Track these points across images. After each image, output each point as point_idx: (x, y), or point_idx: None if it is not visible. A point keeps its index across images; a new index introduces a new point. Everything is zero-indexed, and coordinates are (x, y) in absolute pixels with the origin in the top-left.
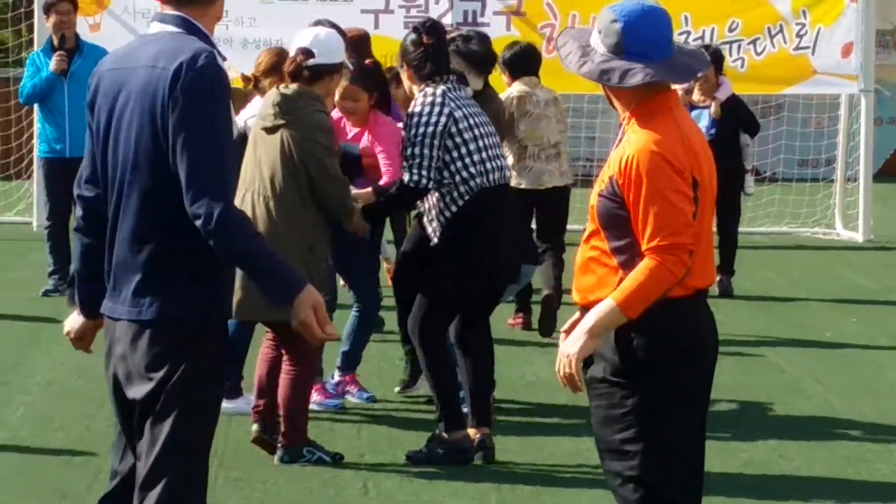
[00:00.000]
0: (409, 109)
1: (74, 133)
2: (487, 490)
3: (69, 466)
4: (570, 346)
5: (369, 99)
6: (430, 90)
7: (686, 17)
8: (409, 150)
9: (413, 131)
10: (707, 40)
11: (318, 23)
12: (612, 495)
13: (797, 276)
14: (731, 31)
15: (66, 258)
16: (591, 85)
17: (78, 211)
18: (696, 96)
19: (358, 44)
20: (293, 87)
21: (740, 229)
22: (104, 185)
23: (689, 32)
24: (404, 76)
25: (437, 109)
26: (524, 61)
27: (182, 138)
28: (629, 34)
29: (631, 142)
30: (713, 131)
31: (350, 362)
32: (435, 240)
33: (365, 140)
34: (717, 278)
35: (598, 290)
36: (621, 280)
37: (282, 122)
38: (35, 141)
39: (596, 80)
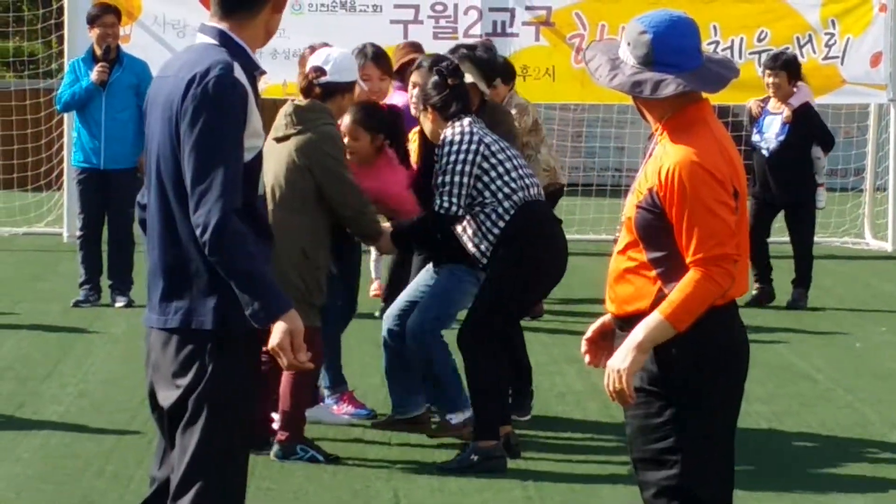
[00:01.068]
0: (441, 139)
1: (110, 144)
2: (518, 501)
3: (101, 476)
4: (620, 361)
5: (372, 140)
6: (457, 122)
7: (715, 27)
8: (440, 178)
9: (445, 159)
10: (736, 50)
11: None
12: None
13: (827, 285)
14: (759, 40)
15: (98, 269)
16: (620, 95)
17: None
18: (772, 104)
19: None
20: (306, 101)
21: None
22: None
23: (717, 42)
24: (427, 119)
25: (467, 138)
26: (514, 70)
27: (187, 149)
28: (659, 45)
29: (670, 154)
30: (781, 138)
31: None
32: (485, 260)
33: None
34: (794, 291)
35: (636, 302)
36: (659, 291)
37: (293, 131)
38: (66, 151)
39: (628, 92)
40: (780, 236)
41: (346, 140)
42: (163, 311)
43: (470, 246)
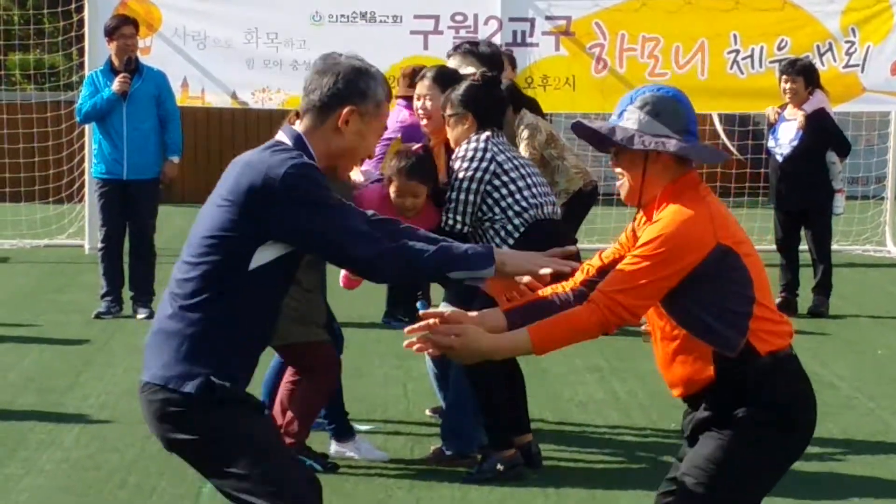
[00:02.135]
0: (455, 154)
1: (132, 154)
2: None
3: (123, 487)
4: (466, 354)
5: (428, 191)
6: (474, 136)
7: (735, 36)
8: (449, 194)
9: (454, 175)
10: (756, 59)
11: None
12: None
13: (848, 293)
14: (780, 49)
15: (119, 280)
16: None
17: None
18: (788, 110)
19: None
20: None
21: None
22: None
23: (738, 51)
24: (462, 124)
25: (479, 155)
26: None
27: (308, 234)
28: (689, 114)
29: (662, 218)
30: (795, 143)
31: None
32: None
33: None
34: (814, 298)
35: (699, 375)
36: (714, 353)
37: None
38: (87, 163)
39: (694, 156)
40: (801, 244)
41: (406, 201)
42: (146, 360)
43: None
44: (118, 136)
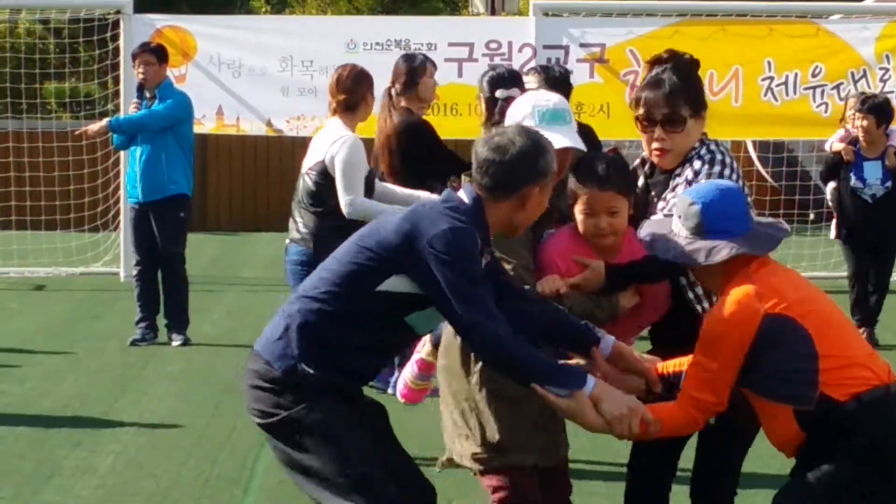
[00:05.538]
0: (692, 158)
1: (144, 178)
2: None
3: None
4: (568, 418)
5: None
6: (711, 142)
7: (769, 63)
8: None
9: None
10: (790, 85)
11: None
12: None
13: (887, 321)
14: (814, 76)
15: (153, 307)
16: None
17: None
18: (866, 148)
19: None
20: None
21: (828, 273)
22: None
23: (772, 78)
24: (694, 125)
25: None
26: None
27: (433, 286)
28: (708, 214)
29: (714, 308)
30: (888, 183)
31: None
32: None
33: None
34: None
35: (791, 436)
36: (796, 412)
37: None
38: (122, 191)
39: (683, 262)
40: (837, 271)
41: (601, 220)
42: (266, 335)
43: (691, 297)
44: (133, 160)
